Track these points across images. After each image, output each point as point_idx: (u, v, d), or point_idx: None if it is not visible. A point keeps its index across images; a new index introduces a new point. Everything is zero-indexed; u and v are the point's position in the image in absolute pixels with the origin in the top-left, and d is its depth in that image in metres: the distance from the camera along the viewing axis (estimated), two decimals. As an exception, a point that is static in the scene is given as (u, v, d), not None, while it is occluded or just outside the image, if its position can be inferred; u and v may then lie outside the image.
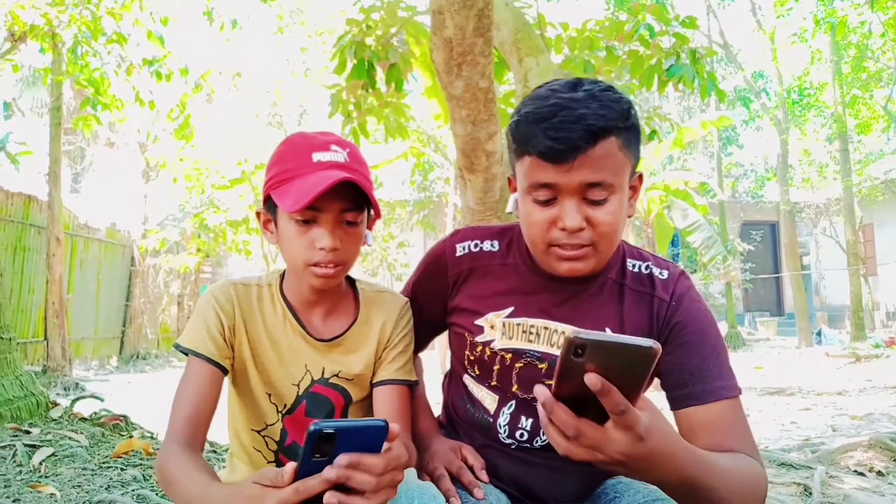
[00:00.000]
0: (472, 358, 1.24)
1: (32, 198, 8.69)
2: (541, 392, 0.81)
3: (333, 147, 1.19)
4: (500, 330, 1.20)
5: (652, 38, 4.18)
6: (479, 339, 1.22)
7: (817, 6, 11.31)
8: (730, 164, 16.52)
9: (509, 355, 1.20)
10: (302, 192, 1.13)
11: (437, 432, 1.30)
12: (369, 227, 1.28)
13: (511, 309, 1.20)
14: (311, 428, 0.80)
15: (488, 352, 1.21)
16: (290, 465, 0.84)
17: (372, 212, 1.25)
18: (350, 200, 1.17)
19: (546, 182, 1.05)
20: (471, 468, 1.19)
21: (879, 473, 2.86)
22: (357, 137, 4.58)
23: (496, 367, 1.21)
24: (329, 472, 0.81)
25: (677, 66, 4.08)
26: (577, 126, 1.00)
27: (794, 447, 3.60)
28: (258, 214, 1.28)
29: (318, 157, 1.17)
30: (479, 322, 1.23)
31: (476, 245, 1.26)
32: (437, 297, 1.30)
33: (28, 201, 8.63)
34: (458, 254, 1.26)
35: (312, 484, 0.82)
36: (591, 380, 0.75)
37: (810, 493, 2.49)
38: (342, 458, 0.81)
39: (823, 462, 2.99)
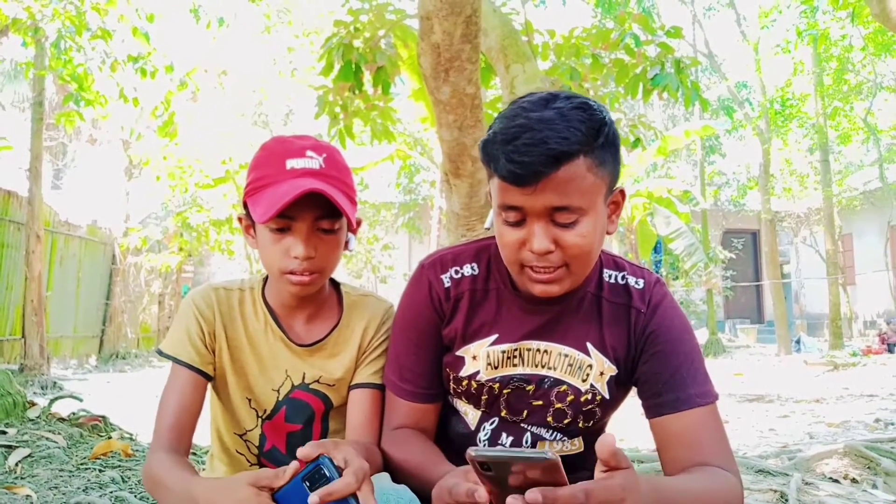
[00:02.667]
0: (458, 390, 1.22)
1: (12, 193, 8.57)
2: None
3: (309, 153, 1.17)
4: (483, 360, 1.18)
5: (637, 47, 4.22)
6: (462, 373, 1.19)
7: (800, 18, 11.48)
8: (713, 173, 16.66)
9: (497, 384, 1.18)
10: (270, 203, 1.12)
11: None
12: (353, 232, 1.27)
13: (495, 336, 1.18)
14: (320, 459, 0.86)
15: (475, 384, 1.19)
16: (293, 465, 0.87)
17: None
18: (324, 208, 1.16)
19: (513, 204, 1.03)
20: None
21: (854, 481, 2.90)
22: (343, 139, 4.57)
23: (484, 397, 1.20)
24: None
25: (662, 76, 4.12)
26: (538, 150, 0.96)
27: (771, 454, 3.64)
28: (240, 219, 1.28)
29: (291, 164, 1.16)
30: (459, 353, 1.20)
31: (457, 272, 1.20)
32: (435, 338, 1.22)
33: (8, 197, 8.51)
34: (445, 285, 1.20)
35: None
36: (531, 497, 0.74)
37: (786, 500, 2.52)
38: (312, 497, 0.84)
39: (799, 469, 3.03)
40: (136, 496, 2.20)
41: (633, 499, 0.79)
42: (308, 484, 0.85)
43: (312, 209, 1.15)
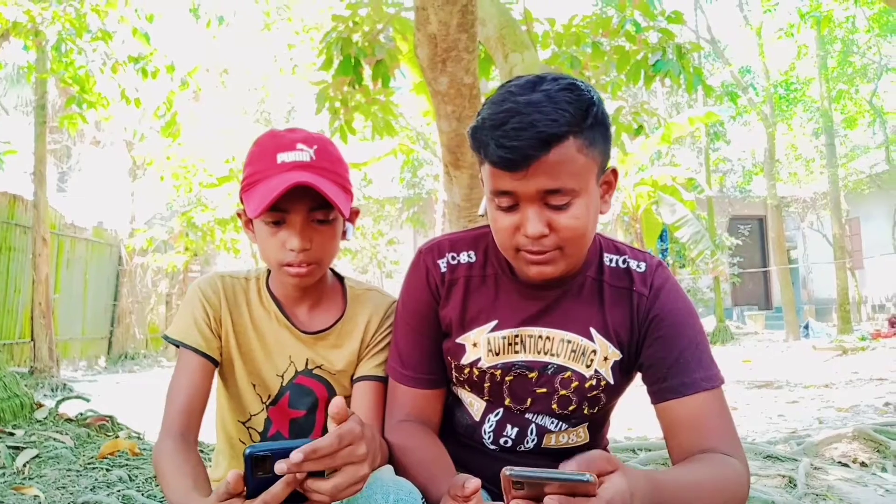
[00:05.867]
0: (460, 378, 1.22)
1: (18, 197, 8.61)
2: None
3: (299, 145, 1.18)
4: (484, 347, 1.17)
5: (638, 34, 4.19)
6: (464, 361, 1.19)
7: (803, 0, 11.38)
8: (717, 160, 16.57)
9: (499, 371, 1.18)
10: (262, 197, 1.14)
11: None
12: (350, 221, 1.28)
13: (495, 322, 1.17)
14: (246, 452, 0.85)
15: (476, 371, 1.19)
16: (233, 473, 0.85)
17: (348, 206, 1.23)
18: (317, 199, 1.17)
19: (505, 189, 1.02)
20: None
21: (863, 465, 2.88)
22: (344, 135, 4.57)
23: (487, 385, 1.19)
24: (283, 468, 0.82)
25: (663, 62, 4.10)
26: (527, 133, 0.96)
27: (780, 440, 3.62)
28: (239, 215, 1.30)
29: (282, 157, 1.17)
30: (459, 340, 1.19)
31: (454, 258, 1.21)
32: (434, 323, 1.22)
33: (13, 201, 8.54)
34: (441, 270, 1.20)
35: (276, 491, 0.84)
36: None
37: (795, 485, 2.50)
38: (295, 455, 0.82)
39: (808, 454, 3.01)
40: (143, 495, 2.21)
41: (639, 494, 0.83)
42: (261, 473, 0.85)
43: (305, 201, 1.17)
